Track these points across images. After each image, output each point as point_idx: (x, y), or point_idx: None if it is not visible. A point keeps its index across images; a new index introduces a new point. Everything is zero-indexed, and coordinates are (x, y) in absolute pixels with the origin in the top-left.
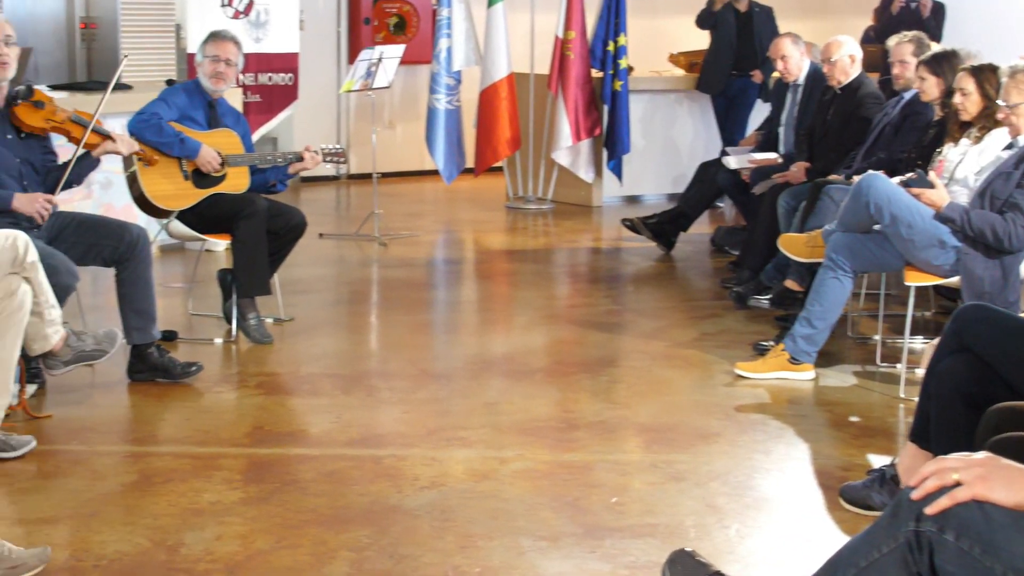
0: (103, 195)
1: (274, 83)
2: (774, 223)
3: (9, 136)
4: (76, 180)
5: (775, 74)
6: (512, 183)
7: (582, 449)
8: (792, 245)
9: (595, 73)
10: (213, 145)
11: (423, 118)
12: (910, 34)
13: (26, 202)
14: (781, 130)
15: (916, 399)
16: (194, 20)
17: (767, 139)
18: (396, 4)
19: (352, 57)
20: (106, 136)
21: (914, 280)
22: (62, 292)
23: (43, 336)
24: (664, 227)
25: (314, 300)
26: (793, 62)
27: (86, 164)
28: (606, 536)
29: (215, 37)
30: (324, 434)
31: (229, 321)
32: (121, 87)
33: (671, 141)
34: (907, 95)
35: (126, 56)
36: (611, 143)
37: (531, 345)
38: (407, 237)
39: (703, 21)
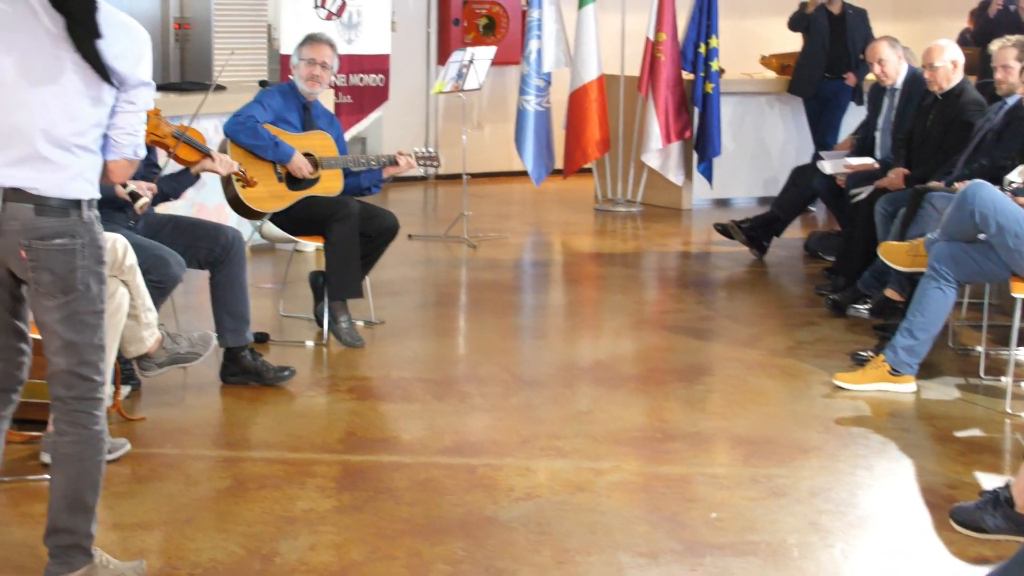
0: (195, 195)
1: (365, 84)
2: (871, 230)
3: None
4: (173, 195)
5: (870, 77)
6: (601, 185)
7: (679, 461)
8: (893, 254)
9: (686, 75)
10: (308, 147)
11: (512, 119)
12: (1013, 38)
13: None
14: (877, 135)
15: (1023, 415)
16: (287, 21)
17: (862, 144)
18: (486, 5)
19: (441, 58)
20: (205, 154)
21: (1021, 291)
22: (171, 283)
23: (139, 339)
24: (757, 231)
25: (404, 302)
26: (891, 66)
27: (184, 180)
28: (706, 553)
29: (311, 40)
30: (417, 441)
31: (320, 324)
32: (216, 88)
33: (762, 144)
34: (1010, 100)
35: (232, 53)
36: (701, 146)
37: (622, 351)
38: (496, 239)
39: (796, 23)
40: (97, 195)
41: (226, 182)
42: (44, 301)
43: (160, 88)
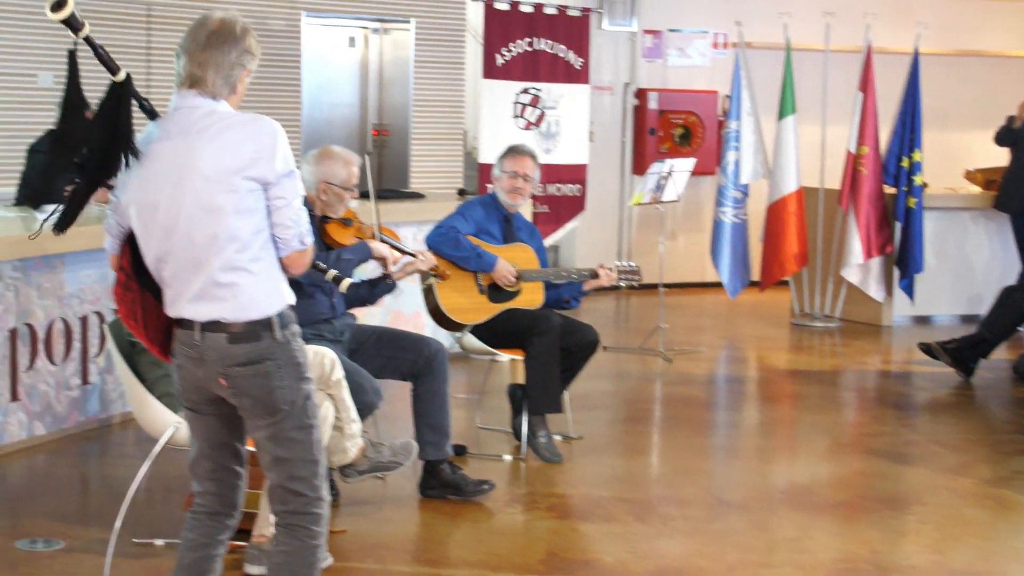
0: (392, 302)
1: (562, 194)
2: None
3: (321, 254)
4: (370, 300)
5: None
6: (799, 299)
7: None
8: None
9: (888, 189)
10: (510, 260)
11: (706, 229)
12: None
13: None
14: None
15: None
16: (486, 130)
17: None
18: (682, 115)
19: (636, 167)
20: (404, 252)
21: None
22: (365, 409)
23: (342, 449)
24: (963, 353)
25: (600, 417)
26: None
27: (383, 287)
28: None
29: (513, 152)
30: (620, 564)
31: (518, 437)
32: (412, 195)
33: (966, 261)
34: None
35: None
36: (903, 261)
37: (823, 474)
38: (690, 352)
39: (1002, 138)
40: (288, 301)
41: (427, 292)
42: (251, 421)
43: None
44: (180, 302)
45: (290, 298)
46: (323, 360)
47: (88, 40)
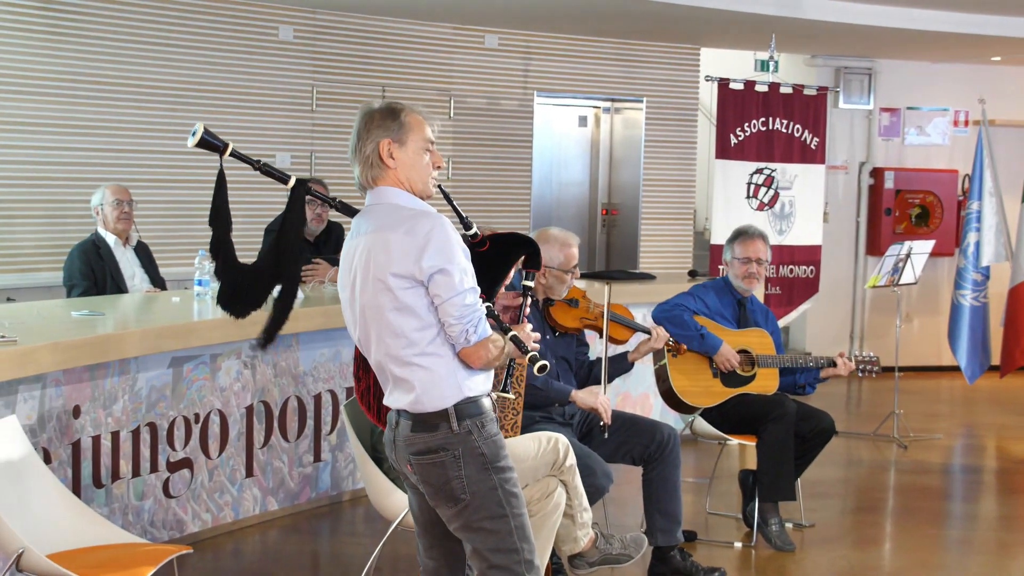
0: (621, 384)
1: (795, 275)
2: None
3: (547, 336)
4: (607, 380)
5: None
6: None
7: None
8: None
9: None
10: (745, 344)
11: (943, 312)
12: None
13: (586, 396)
14: None
15: None
16: (718, 211)
17: None
18: (919, 194)
19: (870, 247)
20: (637, 330)
21: None
22: (595, 493)
23: (573, 538)
24: None
25: (832, 505)
26: None
27: (620, 367)
28: None
29: (743, 236)
30: None
31: (749, 524)
32: (643, 276)
33: None
34: None
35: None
36: None
37: None
38: (927, 439)
39: None
40: (467, 395)
41: (660, 373)
42: (439, 510)
43: (585, 276)
44: (387, 388)
45: (471, 392)
46: (556, 445)
47: (237, 155)
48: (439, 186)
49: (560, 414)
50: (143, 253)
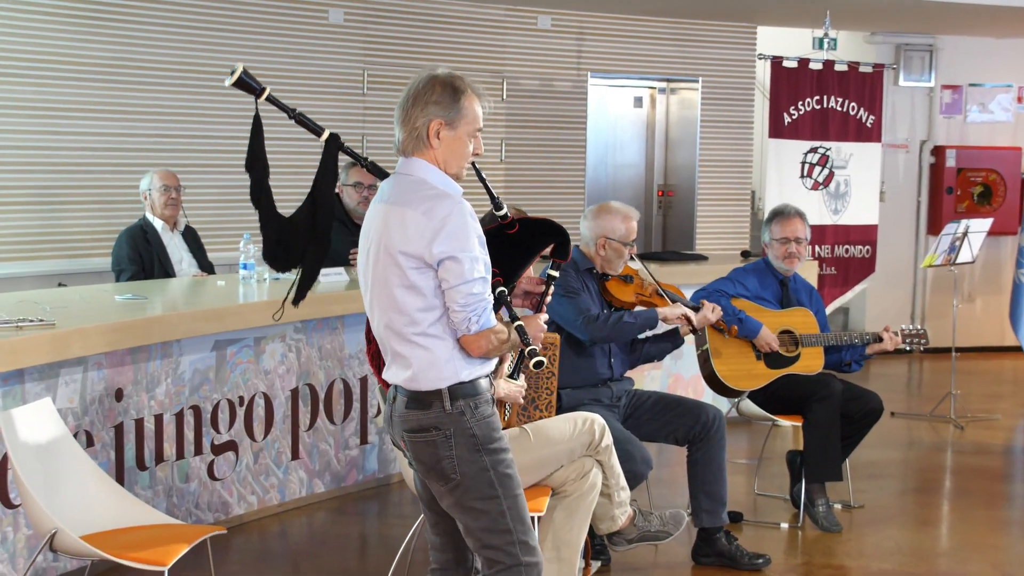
0: (672, 366)
1: (851, 256)
2: None
3: (603, 311)
4: (658, 356)
5: None
6: None
7: None
8: None
9: None
10: (787, 324)
11: (1006, 291)
12: None
13: (672, 309)
14: None
15: None
16: (772, 191)
17: None
18: (982, 172)
19: (931, 227)
20: (690, 307)
21: None
22: (633, 479)
23: (610, 517)
24: None
25: (884, 486)
26: None
27: (669, 342)
28: None
29: (780, 216)
30: None
31: (796, 505)
32: (695, 257)
33: None
34: None
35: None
36: None
37: None
38: (985, 420)
39: None
40: (462, 379)
41: (703, 359)
42: (432, 488)
43: (641, 257)
44: (387, 359)
45: (469, 377)
46: (592, 426)
47: (273, 100)
48: (472, 163)
49: (607, 395)
50: (191, 238)
